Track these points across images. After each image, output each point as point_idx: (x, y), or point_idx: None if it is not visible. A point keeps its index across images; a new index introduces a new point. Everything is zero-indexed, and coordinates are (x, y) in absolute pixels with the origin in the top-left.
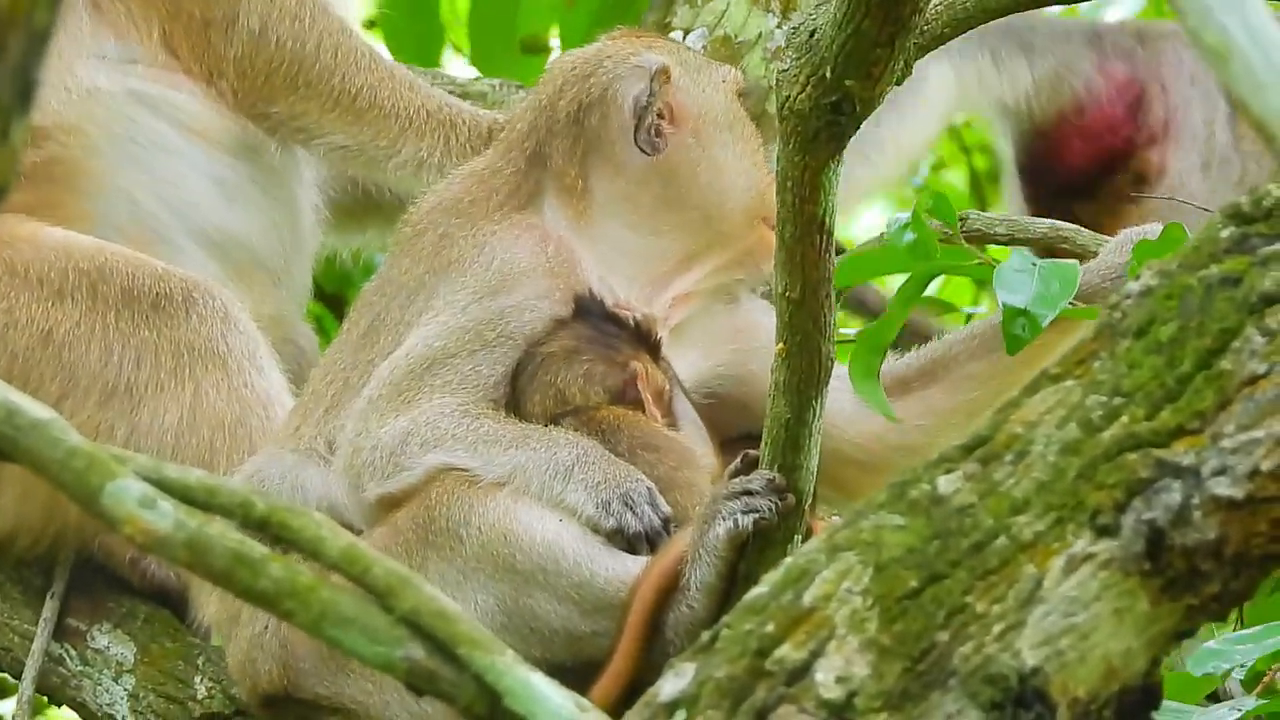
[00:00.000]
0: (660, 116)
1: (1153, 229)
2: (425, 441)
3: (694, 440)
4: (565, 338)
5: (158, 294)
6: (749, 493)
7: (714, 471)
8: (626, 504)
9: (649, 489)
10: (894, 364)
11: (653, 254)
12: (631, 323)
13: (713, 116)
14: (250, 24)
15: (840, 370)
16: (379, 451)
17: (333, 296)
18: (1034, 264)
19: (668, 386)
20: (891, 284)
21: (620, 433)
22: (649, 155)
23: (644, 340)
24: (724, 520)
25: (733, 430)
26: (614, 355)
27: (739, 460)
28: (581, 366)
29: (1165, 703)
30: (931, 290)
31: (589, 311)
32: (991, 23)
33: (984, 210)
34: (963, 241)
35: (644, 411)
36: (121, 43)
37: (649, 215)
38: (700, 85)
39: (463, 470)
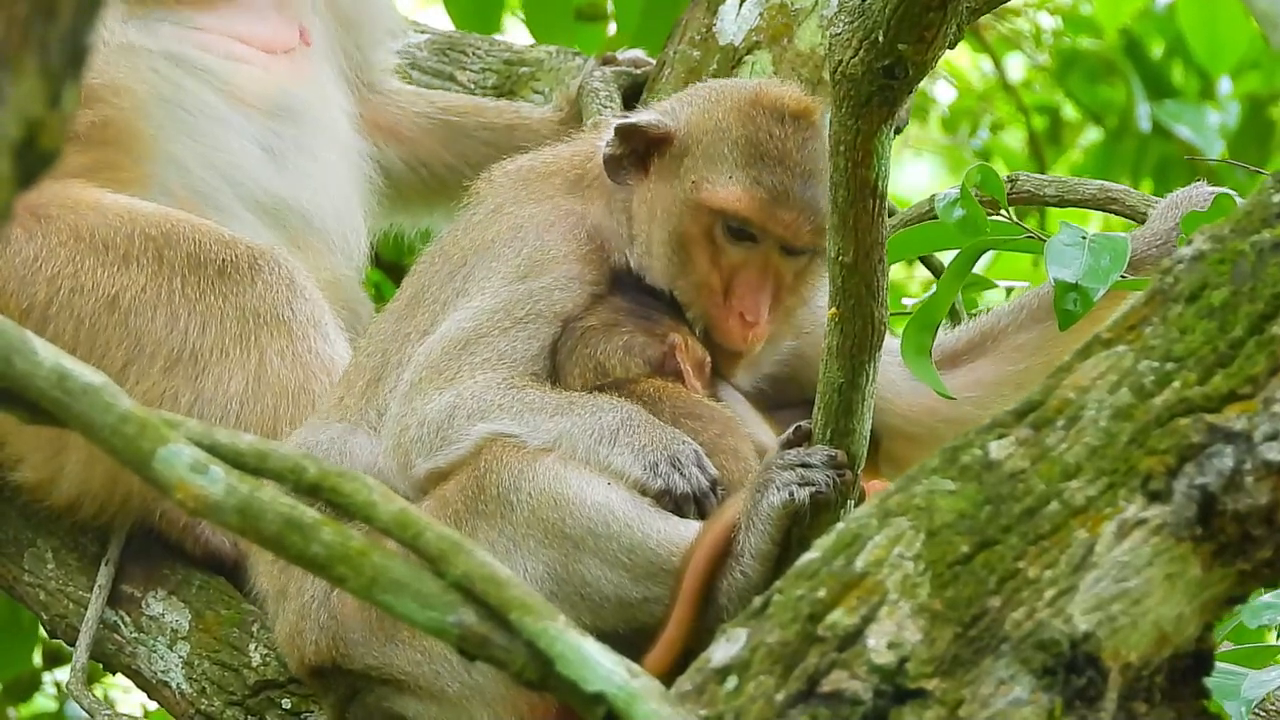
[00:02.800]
0: (642, 157)
1: (1200, 192)
2: (471, 414)
3: (738, 410)
4: (604, 311)
5: (224, 260)
6: (806, 465)
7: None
8: (674, 465)
9: (695, 451)
10: (943, 338)
11: (667, 269)
12: (669, 294)
13: (676, 161)
14: None
15: (890, 343)
16: (425, 428)
17: (391, 264)
18: (1084, 237)
19: (708, 357)
20: None
21: (661, 403)
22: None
23: (683, 312)
24: (779, 490)
25: (782, 401)
26: (653, 327)
27: (791, 431)
28: (621, 339)
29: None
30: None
31: (627, 285)
32: None
33: (1043, 171)
34: (1012, 216)
35: (684, 383)
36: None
37: (649, 243)
38: (689, 126)
39: (509, 437)
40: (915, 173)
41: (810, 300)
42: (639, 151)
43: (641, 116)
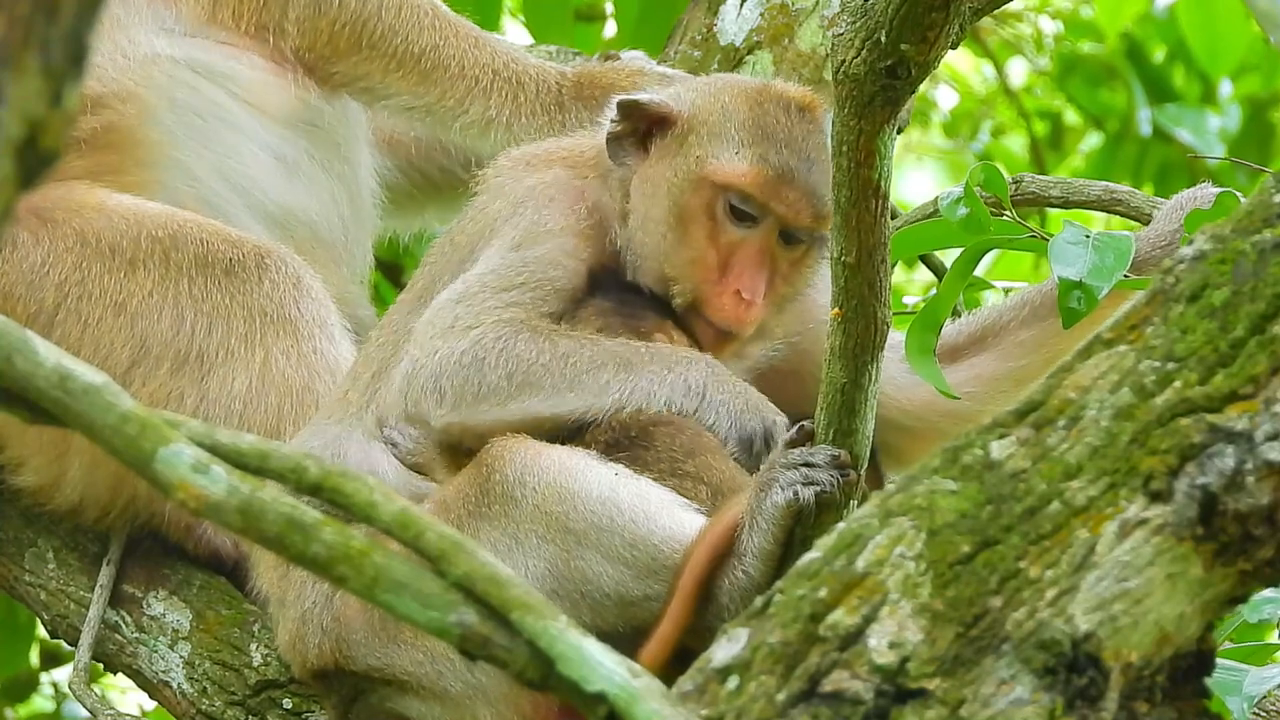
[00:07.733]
0: (643, 137)
1: (1205, 194)
2: (512, 375)
3: None
4: (588, 313)
5: (231, 260)
6: (810, 464)
7: None
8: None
9: (784, 423)
10: (945, 331)
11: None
12: (647, 292)
13: (679, 140)
14: None
15: (891, 337)
16: (444, 377)
17: (389, 264)
18: (1088, 236)
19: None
20: None
21: None
22: (619, 166)
23: (667, 307)
24: (783, 490)
25: (787, 402)
26: (639, 325)
27: (795, 430)
28: None
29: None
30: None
31: (609, 285)
32: None
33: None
34: (1015, 215)
35: None
36: (175, 11)
37: (645, 220)
38: (694, 108)
39: (564, 413)
40: (918, 180)
41: (802, 295)
42: (640, 131)
43: (644, 94)
